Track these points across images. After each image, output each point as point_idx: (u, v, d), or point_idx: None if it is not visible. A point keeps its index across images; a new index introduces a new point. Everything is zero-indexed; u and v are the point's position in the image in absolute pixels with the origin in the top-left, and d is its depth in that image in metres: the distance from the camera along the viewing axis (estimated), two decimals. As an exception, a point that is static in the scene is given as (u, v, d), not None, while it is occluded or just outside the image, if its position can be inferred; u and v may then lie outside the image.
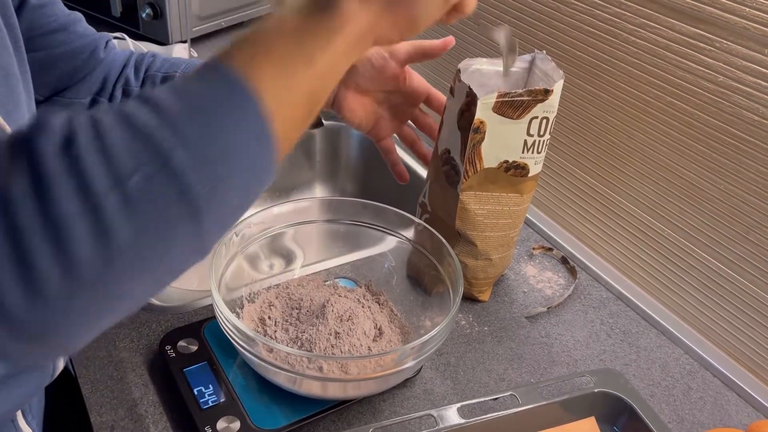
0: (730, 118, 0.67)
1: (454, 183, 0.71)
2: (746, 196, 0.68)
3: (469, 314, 0.78)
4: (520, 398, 0.60)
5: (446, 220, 0.75)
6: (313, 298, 0.70)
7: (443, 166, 0.73)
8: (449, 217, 0.74)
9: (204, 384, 0.62)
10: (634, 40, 0.75)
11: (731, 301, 0.72)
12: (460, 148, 0.69)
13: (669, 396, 0.69)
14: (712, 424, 0.67)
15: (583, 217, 0.89)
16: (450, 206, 0.73)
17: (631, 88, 0.77)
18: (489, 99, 0.65)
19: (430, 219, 0.78)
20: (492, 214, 0.73)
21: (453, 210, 0.73)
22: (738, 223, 0.69)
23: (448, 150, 0.72)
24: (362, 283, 0.76)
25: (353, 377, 0.60)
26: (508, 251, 0.78)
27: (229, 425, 0.59)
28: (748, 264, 0.69)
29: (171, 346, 0.66)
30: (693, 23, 0.68)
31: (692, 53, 0.69)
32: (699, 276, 0.75)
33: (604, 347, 0.75)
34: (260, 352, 0.59)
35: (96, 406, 0.63)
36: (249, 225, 0.71)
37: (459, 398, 0.66)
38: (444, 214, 0.75)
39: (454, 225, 0.74)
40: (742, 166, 0.67)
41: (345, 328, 0.65)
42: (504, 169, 0.70)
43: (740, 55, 0.64)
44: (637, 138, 0.78)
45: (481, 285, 0.78)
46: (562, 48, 0.84)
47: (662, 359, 0.74)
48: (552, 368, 0.71)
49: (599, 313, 0.80)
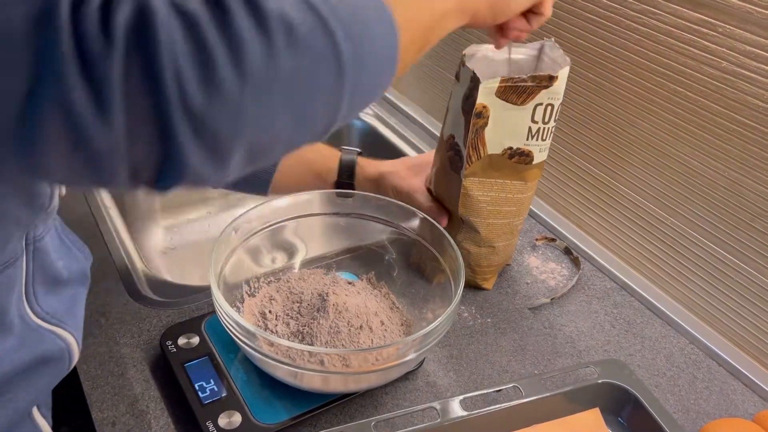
0: (734, 104, 0.66)
1: (458, 169, 0.71)
2: (751, 183, 0.67)
3: (471, 306, 0.77)
4: (524, 390, 0.59)
5: (450, 206, 0.75)
6: (314, 291, 0.69)
7: (448, 151, 0.72)
8: (453, 203, 0.74)
9: (205, 379, 0.62)
10: (636, 27, 0.74)
11: (736, 290, 0.71)
12: (463, 133, 0.68)
13: (674, 386, 0.69)
14: (717, 413, 0.66)
15: (586, 207, 0.88)
16: (453, 192, 0.73)
17: (633, 75, 0.76)
18: (492, 84, 0.65)
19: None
20: (496, 201, 0.72)
21: (456, 196, 0.72)
22: (743, 211, 0.68)
23: (452, 135, 0.71)
24: (363, 275, 0.76)
25: (354, 370, 0.59)
26: (512, 239, 0.77)
27: (231, 420, 0.59)
28: (753, 252, 0.68)
29: (172, 341, 0.66)
30: (695, 8, 0.67)
31: (695, 39, 0.68)
32: (703, 265, 0.74)
33: (608, 338, 0.74)
34: (261, 346, 0.58)
35: (97, 402, 0.62)
36: (249, 219, 0.71)
37: (462, 390, 0.66)
38: (448, 201, 0.75)
39: (456, 210, 0.73)
40: (746, 153, 0.66)
41: (346, 321, 0.64)
42: (508, 155, 0.69)
43: (744, 40, 0.63)
44: (640, 126, 0.77)
45: (485, 272, 0.78)
46: (564, 36, 0.83)
47: (667, 349, 0.73)
48: (556, 359, 0.71)
49: (603, 304, 0.79)
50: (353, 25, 0.39)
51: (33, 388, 0.54)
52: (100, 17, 0.31)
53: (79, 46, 0.31)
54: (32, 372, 0.53)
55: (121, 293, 0.75)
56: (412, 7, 0.48)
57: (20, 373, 0.52)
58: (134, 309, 0.73)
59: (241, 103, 0.35)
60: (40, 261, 0.53)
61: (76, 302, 0.58)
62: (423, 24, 0.49)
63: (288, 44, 0.36)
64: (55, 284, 0.55)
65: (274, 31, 0.35)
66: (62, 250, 0.57)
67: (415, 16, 0.48)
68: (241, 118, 0.35)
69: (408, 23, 0.45)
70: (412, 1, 0.48)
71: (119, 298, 0.74)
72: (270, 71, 0.35)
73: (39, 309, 0.53)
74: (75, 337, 0.57)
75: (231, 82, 0.34)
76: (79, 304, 0.59)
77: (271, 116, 0.37)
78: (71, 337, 0.56)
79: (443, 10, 0.50)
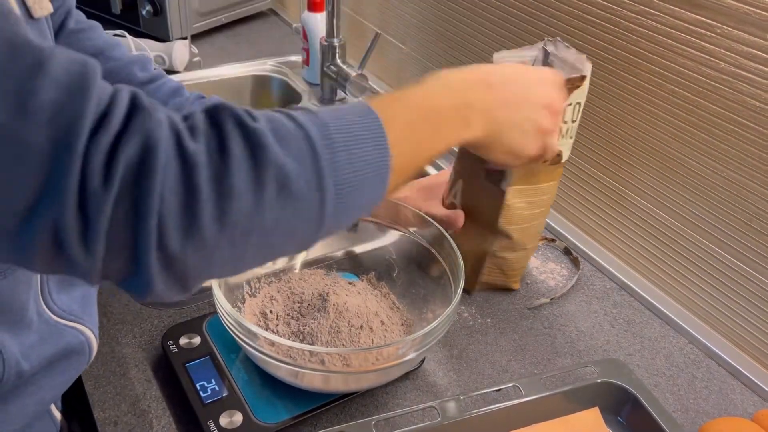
0: (733, 105, 0.66)
1: (497, 180, 0.70)
2: (749, 183, 0.67)
3: (471, 306, 0.77)
4: (523, 389, 0.59)
5: (483, 218, 0.73)
6: (314, 291, 0.70)
7: (483, 163, 0.69)
8: (489, 215, 0.72)
9: (206, 378, 0.63)
10: (634, 28, 0.74)
11: (735, 290, 0.71)
12: None
13: (673, 386, 0.69)
14: (716, 413, 0.66)
15: (585, 208, 0.88)
16: (490, 205, 0.71)
17: (631, 76, 0.76)
18: None
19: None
20: (530, 206, 0.72)
21: (494, 208, 0.71)
22: (741, 211, 0.68)
23: None
24: (364, 276, 0.76)
25: (355, 370, 0.60)
26: (538, 237, 0.78)
27: (232, 419, 0.59)
28: (751, 252, 0.68)
29: (173, 341, 0.66)
30: (693, 9, 0.67)
31: (693, 40, 0.68)
32: (702, 265, 0.74)
33: (608, 338, 0.74)
34: (262, 346, 0.59)
35: (99, 402, 0.63)
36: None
37: (462, 390, 0.66)
38: (481, 213, 0.73)
39: (494, 224, 0.72)
40: (744, 153, 0.67)
41: (346, 321, 0.65)
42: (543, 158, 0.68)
43: (742, 41, 0.64)
44: (639, 127, 0.77)
45: (517, 274, 0.79)
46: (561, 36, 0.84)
47: (666, 349, 0.73)
48: (555, 359, 0.71)
49: (603, 304, 0.79)
50: (347, 183, 0.41)
51: (56, 382, 0.56)
52: (107, 153, 0.34)
53: (83, 179, 0.33)
54: (56, 366, 0.56)
55: (123, 294, 0.75)
56: (413, 149, 0.48)
57: (46, 366, 0.54)
58: (136, 309, 0.74)
59: (215, 247, 0.37)
60: None
61: (89, 301, 0.60)
62: (419, 164, 0.49)
63: (278, 197, 0.38)
64: (67, 283, 0.57)
65: (268, 184, 0.37)
66: None
67: (414, 161, 0.48)
68: (212, 260, 0.37)
69: (403, 167, 0.46)
70: (415, 141, 0.48)
71: (121, 299, 0.74)
72: (252, 222, 0.37)
73: (55, 307, 0.55)
74: (93, 333, 0.59)
75: (211, 229, 0.36)
76: (91, 302, 0.61)
77: (242, 257, 0.39)
78: (90, 331, 0.59)
79: (440, 149, 0.50)
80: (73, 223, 0.34)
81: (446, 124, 0.50)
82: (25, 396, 0.54)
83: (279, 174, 0.38)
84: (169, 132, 0.36)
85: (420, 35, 1.13)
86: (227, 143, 0.37)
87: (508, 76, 0.55)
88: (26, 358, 0.52)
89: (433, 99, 0.50)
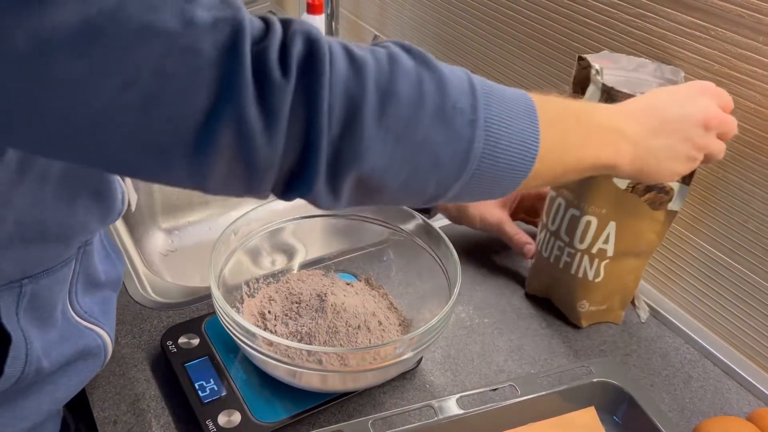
0: (727, 106, 0.67)
1: (660, 206, 0.68)
2: (744, 184, 0.67)
3: (469, 306, 0.78)
4: (520, 389, 0.60)
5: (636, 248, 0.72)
6: (312, 292, 0.70)
7: (643, 195, 0.67)
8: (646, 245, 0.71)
9: (205, 378, 0.63)
10: (630, 30, 0.74)
11: (731, 290, 0.72)
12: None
13: (669, 385, 0.69)
14: (712, 412, 0.67)
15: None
16: (646, 232, 0.70)
17: (628, 78, 0.77)
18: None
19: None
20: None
21: (653, 236, 0.71)
22: (737, 212, 0.69)
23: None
24: (362, 276, 0.77)
25: (353, 369, 0.60)
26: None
27: (230, 418, 0.59)
28: (747, 252, 0.69)
29: (172, 341, 0.67)
30: (688, 12, 0.68)
31: (688, 42, 0.69)
32: (698, 265, 0.75)
33: (604, 338, 0.75)
34: (260, 345, 0.59)
35: (99, 401, 0.63)
36: (248, 221, 0.72)
37: (459, 389, 0.66)
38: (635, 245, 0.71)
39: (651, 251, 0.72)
40: (739, 154, 0.67)
41: (344, 321, 0.65)
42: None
43: (735, 43, 0.64)
44: (635, 128, 0.78)
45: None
46: (557, 38, 0.84)
47: (662, 349, 0.74)
48: (552, 359, 0.71)
49: (599, 304, 0.79)
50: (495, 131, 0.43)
51: (72, 382, 0.57)
52: (279, 50, 0.36)
53: (257, 73, 0.35)
54: (73, 366, 0.56)
55: (123, 294, 0.76)
56: (560, 146, 0.48)
57: (64, 365, 0.55)
58: (135, 310, 0.74)
59: (369, 145, 0.39)
60: (85, 263, 0.56)
61: (109, 306, 0.61)
62: (560, 169, 0.49)
63: (433, 116, 0.40)
64: (92, 286, 0.58)
65: (429, 101, 0.40)
66: (103, 255, 0.60)
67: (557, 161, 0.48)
68: (363, 158, 0.39)
69: (546, 159, 0.46)
70: (564, 139, 0.48)
71: (121, 299, 0.75)
72: (406, 130, 0.40)
73: (78, 307, 0.56)
74: (110, 337, 0.60)
75: (369, 125, 0.38)
76: (111, 306, 0.62)
77: (389, 167, 0.41)
78: (107, 335, 0.59)
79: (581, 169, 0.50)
80: (255, 115, 0.35)
81: (597, 138, 0.51)
82: (42, 394, 0.54)
83: (440, 91, 0.40)
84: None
85: (418, 38, 1.13)
86: (396, 57, 0.40)
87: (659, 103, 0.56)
88: (47, 355, 0.52)
89: (590, 112, 0.52)
